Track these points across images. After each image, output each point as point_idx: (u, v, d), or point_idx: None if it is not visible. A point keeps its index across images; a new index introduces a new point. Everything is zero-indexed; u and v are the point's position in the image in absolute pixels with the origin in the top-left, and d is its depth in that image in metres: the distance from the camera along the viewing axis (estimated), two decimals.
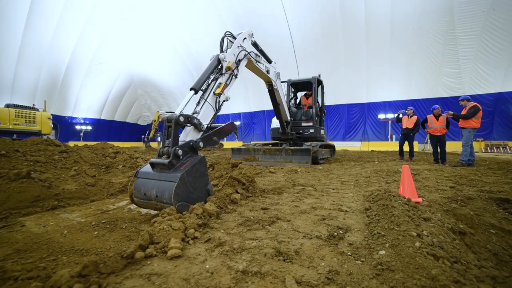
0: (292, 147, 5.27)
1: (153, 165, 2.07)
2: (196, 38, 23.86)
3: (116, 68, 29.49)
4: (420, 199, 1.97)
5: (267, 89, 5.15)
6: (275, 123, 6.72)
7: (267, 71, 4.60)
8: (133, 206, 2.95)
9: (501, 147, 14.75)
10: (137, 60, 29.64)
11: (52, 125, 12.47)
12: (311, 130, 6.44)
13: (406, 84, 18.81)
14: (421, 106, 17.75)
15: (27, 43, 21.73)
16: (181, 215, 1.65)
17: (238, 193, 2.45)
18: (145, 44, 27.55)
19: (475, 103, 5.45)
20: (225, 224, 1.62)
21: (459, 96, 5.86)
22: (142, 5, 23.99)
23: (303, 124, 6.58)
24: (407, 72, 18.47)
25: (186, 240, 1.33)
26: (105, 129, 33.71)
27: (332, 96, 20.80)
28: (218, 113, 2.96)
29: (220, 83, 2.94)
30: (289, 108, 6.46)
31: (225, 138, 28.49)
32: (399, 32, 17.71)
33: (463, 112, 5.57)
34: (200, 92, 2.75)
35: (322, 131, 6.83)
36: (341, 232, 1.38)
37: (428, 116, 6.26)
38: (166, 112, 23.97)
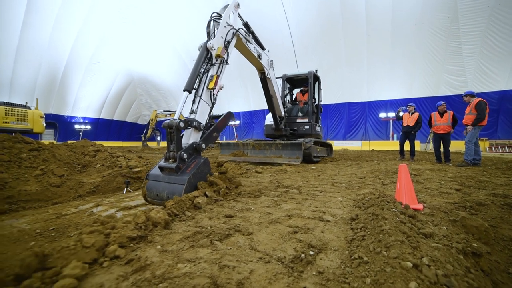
0: (283, 142, 4.90)
1: (161, 168, 2.24)
2: (196, 37, 23.55)
3: (115, 67, 29.34)
4: (420, 206, 1.61)
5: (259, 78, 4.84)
6: (269, 119, 6.37)
7: (259, 56, 4.35)
8: (96, 210, 2.62)
9: (506, 147, 14.28)
10: (137, 59, 29.44)
11: (44, 124, 12.21)
12: (306, 127, 6.06)
13: (408, 82, 18.34)
14: (424, 105, 17.28)
15: (25, 41, 21.56)
16: (114, 224, 1.31)
17: (206, 196, 2.10)
18: (145, 43, 27.32)
19: (480, 99, 5.06)
20: (168, 237, 1.27)
21: (462, 94, 5.46)
22: (141, 3, 23.74)
23: (298, 120, 6.20)
24: (409, 70, 17.99)
25: (99, 262, 0.98)
26: (105, 128, 33.63)
27: (333, 94, 20.39)
28: (215, 107, 2.96)
29: (212, 76, 2.84)
30: (283, 104, 6.10)
31: (224, 137, 28.19)
32: (401, 28, 17.25)
33: (468, 108, 5.19)
34: (194, 90, 2.74)
35: (318, 128, 6.45)
36: (312, 253, 1.02)
37: (432, 113, 5.85)
38: (164, 111, 23.73)
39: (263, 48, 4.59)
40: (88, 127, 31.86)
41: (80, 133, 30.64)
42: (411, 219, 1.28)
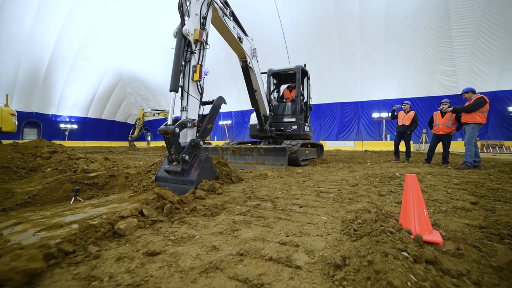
0: (265, 146, 4.35)
1: (168, 171, 2.43)
2: None
3: (104, 64, 28.21)
4: (437, 236, 1.08)
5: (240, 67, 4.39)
6: (253, 119, 5.82)
7: (239, 39, 3.89)
8: (10, 230, 2.01)
9: (497, 147, 14.24)
10: (125, 57, 28.38)
11: (16, 122, 11.28)
12: (294, 127, 5.53)
13: (401, 82, 18.20)
14: (416, 105, 17.11)
15: (1, 33, 20.27)
16: None
17: (142, 215, 1.53)
18: (134, 39, 26.32)
19: (481, 95, 4.67)
20: None
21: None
22: None
23: (285, 119, 5.67)
24: (402, 70, 17.85)
25: None
26: (92, 128, 32.40)
27: (326, 94, 20.06)
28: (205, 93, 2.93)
29: (194, 67, 2.75)
30: (269, 102, 5.57)
31: (215, 138, 27.47)
32: (394, 28, 17.08)
33: (467, 105, 4.78)
34: (181, 88, 2.69)
35: (307, 128, 5.94)
36: None
37: (434, 112, 5.42)
38: (152, 110, 22.89)
39: (245, 34, 4.20)
40: (75, 126, 30.65)
41: (66, 133, 29.43)
42: (433, 270, 0.75)
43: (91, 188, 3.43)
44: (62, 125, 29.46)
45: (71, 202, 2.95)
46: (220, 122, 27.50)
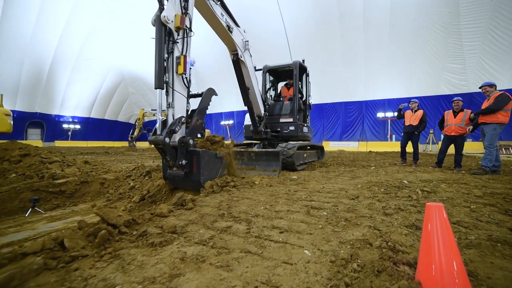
0: (256, 150, 3.94)
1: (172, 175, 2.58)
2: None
3: (105, 64, 28.23)
4: None
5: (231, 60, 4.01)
6: (248, 119, 5.41)
7: (229, 28, 3.53)
8: None
9: (510, 148, 13.50)
10: (127, 56, 28.30)
11: (11, 122, 11.10)
12: (291, 128, 5.09)
13: (406, 80, 17.53)
14: (423, 104, 16.45)
15: (4, 34, 20.34)
16: None
17: (62, 248, 1.13)
18: (135, 39, 26.18)
19: (503, 91, 4.17)
20: None
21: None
22: None
23: (282, 120, 5.23)
24: (408, 68, 17.18)
25: None
26: (95, 128, 32.52)
27: (329, 93, 19.52)
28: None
29: (178, 59, 2.55)
30: (264, 101, 5.15)
31: None
32: (399, 24, 16.45)
33: (485, 102, 4.29)
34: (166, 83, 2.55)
35: (305, 129, 5.49)
36: None
37: (445, 112, 4.93)
38: (152, 110, 22.69)
39: (237, 25, 3.84)
40: (78, 126, 30.79)
41: (69, 133, 29.56)
42: None
43: (57, 197, 3.07)
44: (65, 125, 29.61)
45: (26, 215, 2.59)
46: (222, 122, 27.15)
